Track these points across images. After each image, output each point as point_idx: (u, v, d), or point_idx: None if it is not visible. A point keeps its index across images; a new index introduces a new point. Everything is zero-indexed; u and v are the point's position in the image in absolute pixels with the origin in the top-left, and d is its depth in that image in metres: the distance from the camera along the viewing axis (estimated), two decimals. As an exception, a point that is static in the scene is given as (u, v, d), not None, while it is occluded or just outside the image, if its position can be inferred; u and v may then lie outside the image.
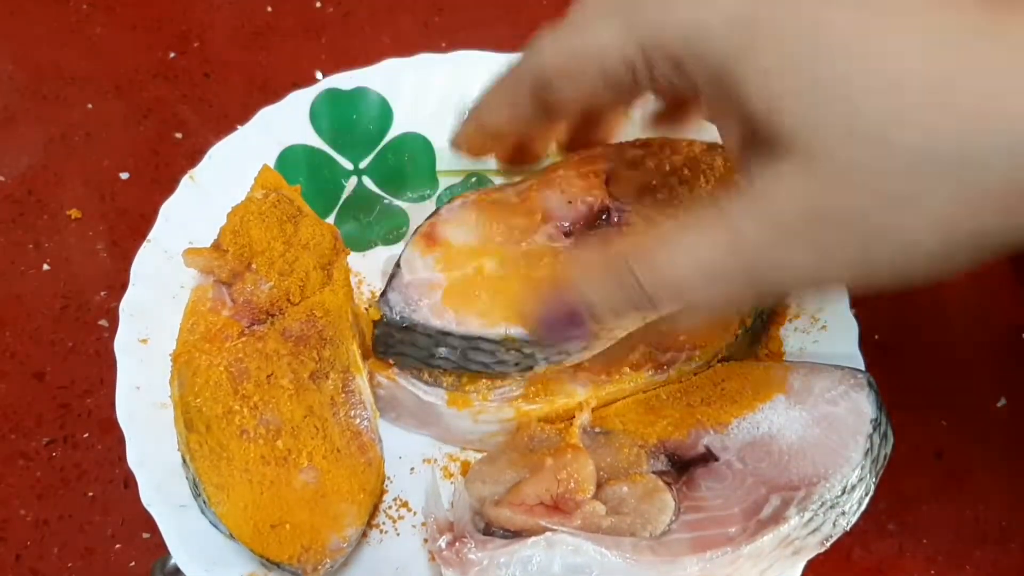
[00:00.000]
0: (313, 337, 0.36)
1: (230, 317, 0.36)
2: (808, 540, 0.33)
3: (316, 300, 0.37)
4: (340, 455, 0.35)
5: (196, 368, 0.35)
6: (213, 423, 0.34)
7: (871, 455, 0.34)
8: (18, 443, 0.42)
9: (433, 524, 0.34)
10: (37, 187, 0.48)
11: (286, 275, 0.37)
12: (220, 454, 0.33)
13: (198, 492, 0.33)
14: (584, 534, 0.32)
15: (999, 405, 0.44)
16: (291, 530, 0.33)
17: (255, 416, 0.34)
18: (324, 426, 0.35)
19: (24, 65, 0.52)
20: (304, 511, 0.33)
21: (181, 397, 0.35)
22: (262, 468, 0.34)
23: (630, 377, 0.37)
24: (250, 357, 0.35)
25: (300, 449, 0.34)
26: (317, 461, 0.34)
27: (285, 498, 0.33)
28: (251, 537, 0.32)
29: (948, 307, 0.47)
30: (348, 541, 0.33)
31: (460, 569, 0.32)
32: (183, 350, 0.35)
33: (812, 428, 0.35)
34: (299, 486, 0.34)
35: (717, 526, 0.33)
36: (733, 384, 0.37)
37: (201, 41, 0.54)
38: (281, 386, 0.35)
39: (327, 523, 0.33)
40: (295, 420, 0.35)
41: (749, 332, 0.39)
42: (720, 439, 0.35)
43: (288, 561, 0.32)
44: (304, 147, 0.44)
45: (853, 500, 0.34)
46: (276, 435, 0.34)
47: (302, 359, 0.36)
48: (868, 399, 0.35)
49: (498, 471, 0.35)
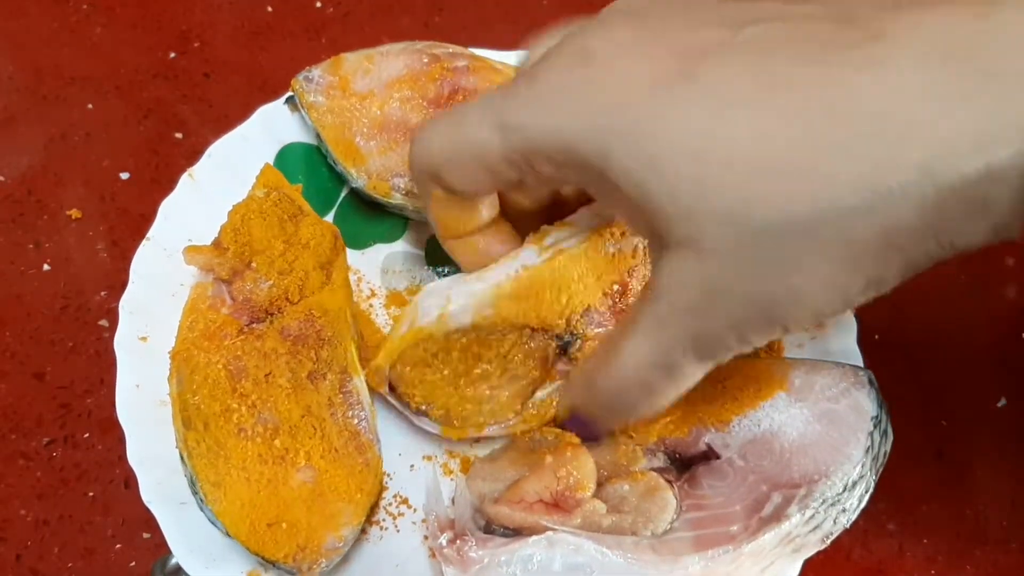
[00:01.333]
0: (311, 337, 0.36)
1: (229, 315, 0.36)
2: (809, 538, 0.33)
3: (315, 300, 0.37)
4: (338, 455, 0.34)
5: (194, 366, 0.35)
6: (211, 421, 0.34)
7: (872, 452, 0.34)
8: (18, 443, 0.42)
9: (434, 521, 0.34)
10: (37, 187, 0.48)
11: (286, 274, 0.37)
12: (217, 452, 0.33)
13: (195, 490, 0.33)
14: (585, 533, 0.32)
15: (999, 405, 0.44)
16: (287, 529, 0.33)
17: (253, 415, 0.34)
18: (322, 426, 0.35)
19: (24, 65, 0.52)
20: (301, 510, 0.33)
21: (179, 395, 0.35)
22: (259, 467, 0.34)
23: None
24: (248, 355, 0.35)
25: (298, 448, 0.34)
26: (315, 461, 0.34)
27: (282, 497, 0.33)
28: (247, 535, 0.32)
29: (948, 307, 0.47)
30: (344, 541, 0.33)
31: (460, 567, 0.32)
32: (182, 348, 0.35)
33: (813, 425, 0.35)
34: (296, 485, 0.33)
35: (719, 524, 0.33)
36: (734, 382, 0.37)
37: (201, 41, 0.54)
38: (279, 385, 0.35)
39: (324, 522, 0.33)
40: (293, 419, 0.34)
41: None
42: (721, 437, 0.35)
43: (284, 560, 0.32)
44: (303, 145, 0.44)
45: (854, 497, 0.33)
46: (274, 434, 0.34)
47: (300, 359, 0.36)
48: (869, 396, 0.35)
49: (499, 469, 0.35)
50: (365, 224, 0.44)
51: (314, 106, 0.42)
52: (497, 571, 0.32)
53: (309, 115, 0.42)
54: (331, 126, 0.41)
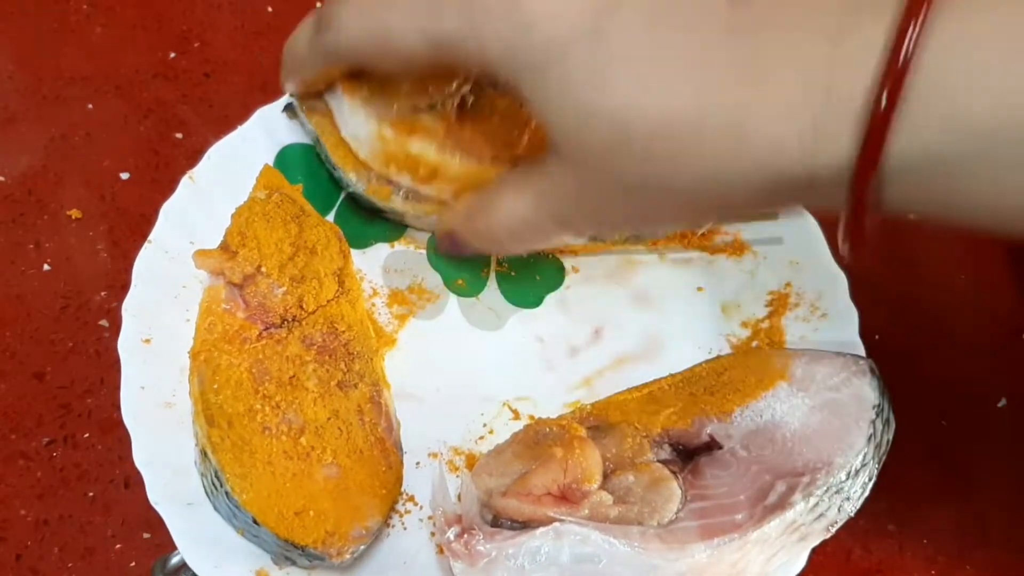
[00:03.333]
0: (339, 349, 0.37)
1: (246, 319, 0.37)
2: (814, 526, 0.34)
3: (335, 311, 0.38)
4: (362, 456, 0.35)
5: (216, 367, 0.35)
6: (235, 419, 0.34)
7: (874, 440, 0.34)
8: (18, 443, 0.41)
9: (441, 517, 0.34)
10: (37, 187, 0.48)
11: (298, 281, 0.37)
12: (243, 448, 0.34)
13: (220, 483, 0.34)
14: (592, 524, 0.32)
15: (999, 405, 0.44)
16: (315, 517, 0.33)
17: (277, 415, 0.35)
18: (348, 429, 0.35)
19: (24, 65, 0.52)
20: (327, 501, 0.34)
21: (201, 393, 0.35)
22: (285, 462, 0.34)
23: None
24: (270, 359, 0.36)
25: (324, 447, 0.35)
26: (340, 459, 0.35)
27: (307, 489, 0.34)
28: (276, 522, 0.33)
29: (948, 307, 0.47)
30: (369, 531, 0.34)
31: (469, 561, 0.32)
32: (202, 348, 0.36)
33: (815, 415, 0.35)
34: (321, 479, 0.34)
35: (724, 513, 0.33)
36: (736, 373, 0.37)
37: (201, 41, 0.54)
38: (306, 388, 0.36)
39: (349, 513, 0.34)
40: (319, 421, 0.35)
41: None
42: (724, 427, 0.36)
43: (313, 544, 0.33)
44: (303, 146, 0.44)
45: (857, 485, 0.34)
46: (299, 433, 0.35)
47: (328, 368, 0.36)
48: (870, 385, 0.36)
49: (504, 463, 0.36)
50: (366, 224, 0.44)
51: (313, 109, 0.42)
52: (505, 564, 0.32)
53: (309, 119, 0.42)
54: (331, 131, 0.41)
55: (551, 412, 0.39)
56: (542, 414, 0.39)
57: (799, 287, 0.42)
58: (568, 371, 0.41)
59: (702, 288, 0.43)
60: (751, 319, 0.42)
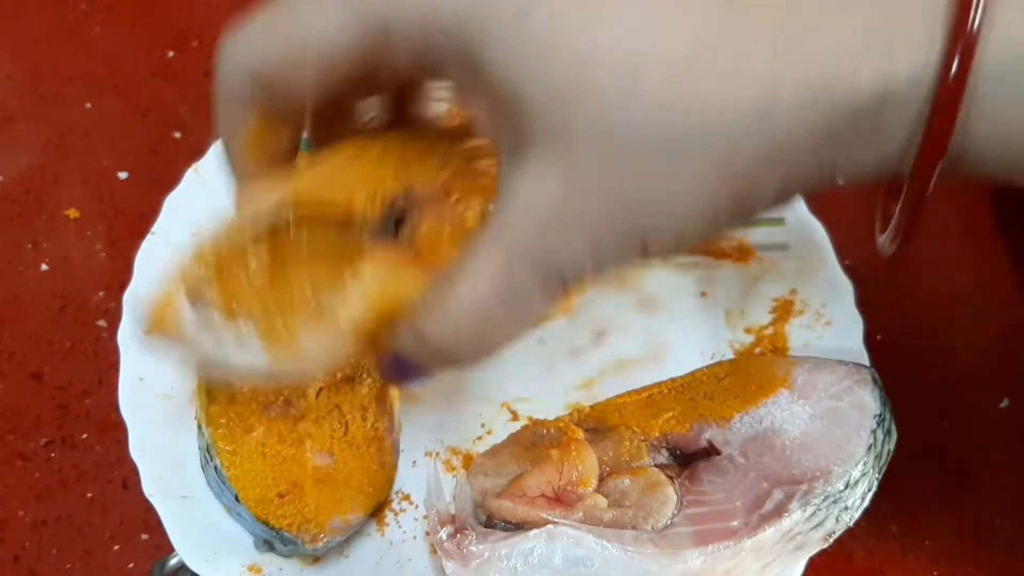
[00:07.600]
0: None
1: None
2: (811, 535, 0.33)
3: None
4: (357, 451, 0.36)
5: None
6: (237, 395, 0.35)
7: (874, 450, 0.34)
8: (16, 444, 0.41)
9: (435, 516, 0.34)
10: (35, 187, 0.48)
11: None
12: (238, 423, 0.35)
13: (210, 457, 0.34)
14: (586, 527, 0.32)
15: (1002, 406, 0.44)
16: (295, 501, 0.34)
17: (279, 399, 0.36)
18: (348, 424, 0.36)
19: (22, 64, 0.52)
20: (311, 488, 0.34)
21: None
22: (277, 445, 0.35)
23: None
24: None
25: (319, 436, 0.35)
26: (334, 450, 0.35)
27: (294, 474, 0.34)
28: (255, 502, 0.33)
29: (951, 308, 0.46)
30: (348, 524, 0.34)
31: (461, 561, 0.32)
32: None
33: (815, 423, 0.35)
34: (311, 467, 0.35)
35: (719, 520, 0.33)
36: (736, 379, 0.37)
37: (200, 40, 0.54)
38: (312, 377, 0.36)
39: (332, 504, 0.34)
40: (320, 411, 0.36)
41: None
42: (722, 433, 0.35)
43: (288, 528, 0.33)
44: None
45: (856, 495, 0.34)
46: (298, 420, 0.35)
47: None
48: (872, 394, 0.35)
49: (500, 464, 0.36)
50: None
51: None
52: (498, 565, 0.32)
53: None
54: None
55: (550, 413, 0.39)
56: (541, 415, 0.39)
57: (805, 294, 0.41)
58: (568, 373, 0.41)
59: (706, 293, 0.43)
60: (755, 325, 0.42)
